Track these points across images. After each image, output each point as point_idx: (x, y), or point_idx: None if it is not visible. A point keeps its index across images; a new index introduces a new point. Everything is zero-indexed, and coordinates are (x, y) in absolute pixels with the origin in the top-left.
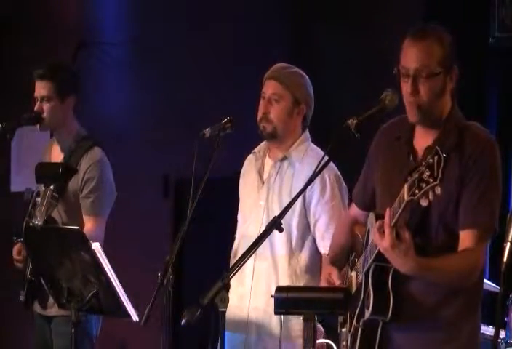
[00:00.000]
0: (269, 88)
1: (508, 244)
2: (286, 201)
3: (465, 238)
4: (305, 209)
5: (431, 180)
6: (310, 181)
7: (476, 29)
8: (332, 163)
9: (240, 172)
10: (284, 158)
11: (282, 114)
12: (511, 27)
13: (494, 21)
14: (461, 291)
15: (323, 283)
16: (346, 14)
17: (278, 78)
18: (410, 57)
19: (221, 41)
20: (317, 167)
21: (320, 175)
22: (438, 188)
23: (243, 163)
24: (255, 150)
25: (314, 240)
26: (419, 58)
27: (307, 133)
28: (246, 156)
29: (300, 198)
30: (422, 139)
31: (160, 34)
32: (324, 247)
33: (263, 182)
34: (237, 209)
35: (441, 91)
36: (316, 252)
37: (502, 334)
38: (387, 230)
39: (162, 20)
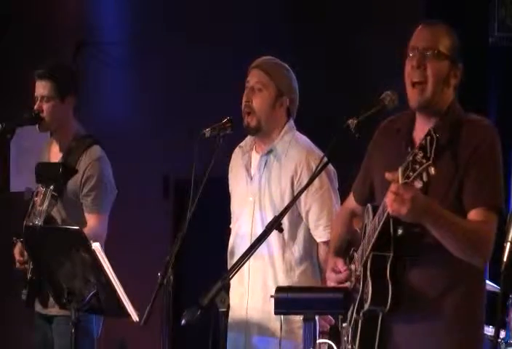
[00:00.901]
0: (253, 76)
1: (508, 244)
2: (276, 196)
3: (474, 216)
4: None
5: (424, 161)
6: (309, 183)
7: (476, 29)
8: (316, 150)
9: None
10: (270, 152)
11: (264, 104)
12: (511, 27)
13: (494, 21)
14: (462, 281)
15: (329, 274)
16: (346, 14)
17: (263, 67)
18: (420, 37)
19: (221, 41)
20: (316, 168)
21: (306, 164)
22: (432, 168)
23: None
24: (241, 144)
25: (307, 228)
26: (428, 38)
27: (291, 123)
28: None
29: (289, 190)
30: (422, 131)
31: (160, 34)
32: (319, 236)
33: (251, 178)
34: None
35: (445, 80)
36: (310, 240)
37: (502, 334)
38: (394, 185)
39: (162, 20)
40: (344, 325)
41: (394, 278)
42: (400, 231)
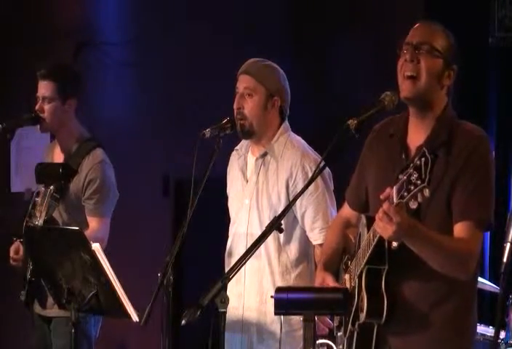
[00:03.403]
0: (242, 82)
1: (508, 244)
2: (273, 197)
3: (459, 230)
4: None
5: (419, 182)
6: (305, 188)
7: (476, 29)
8: (311, 152)
9: None
10: (265, 154)
11: (256, 108)
12: (511, 27)
13: (494, 21)
14: (455, 292)
15: None
16: (346, 15)
17: (250, 72)
18: (415, 33)
19: (221, 40)
20: (314, 172)
21: (300, 166)
22: (427, 190)
23: None
24: (237, 147)
25: (303, 230)
26: (422, 35)
27: (286, 124)
28: None
29: (284, 192)
30: (415, 136)
31: (160, 34)
32: (314, 238)
33: (247, 181)
34: None
35: (437, 78)
36: (306, 242)
37: (502, 334)
38: (386, 205)
39: (162, 20)
40: (339, 334)
41: (389, 291)
42: (394, 245)
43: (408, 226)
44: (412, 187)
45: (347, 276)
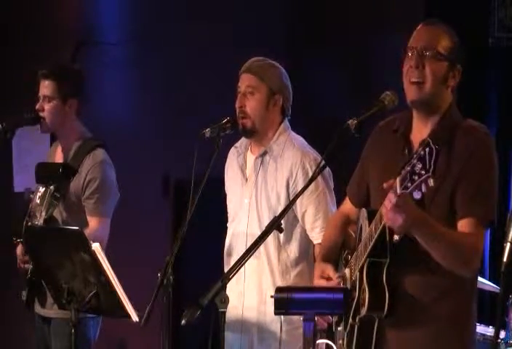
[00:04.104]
0: (243, 81)
1: (508, 244)
2: (272, 197)
3: (463, 227)
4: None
5: (423, 172)
6: (306, 187)
7: (476, 29)
8: (311, 151)
9: None
10: (265, 153)
11: (258, 107)
12: (511, 27)
13: (494, 21)
14: (456, 288)
15: (318, 281)
16: (346, 15)
17: (252, 70)
18: (418, 37)
19: (221, 41)
20: (314, 172)
21: (301, 165)
22: (431, 180)
23: None
24: (236, 144)
25: (303, 229)
26: (427, 39)
27: (286, 123)
28: None
29: (284, 191)
30: (419, 133)
31: (160, 34)
32: (315, 238)
33: (246, 180)
34: None
35: (442, 81)
36: (306, 241)
37: (502, 334)
38: (391, 195)
39: (162, 20)
40: (339, 329)
41: (390, 284)
42: (396, 238)
43: (417, 215)
44: (416, 178)
45: (347, 271)
